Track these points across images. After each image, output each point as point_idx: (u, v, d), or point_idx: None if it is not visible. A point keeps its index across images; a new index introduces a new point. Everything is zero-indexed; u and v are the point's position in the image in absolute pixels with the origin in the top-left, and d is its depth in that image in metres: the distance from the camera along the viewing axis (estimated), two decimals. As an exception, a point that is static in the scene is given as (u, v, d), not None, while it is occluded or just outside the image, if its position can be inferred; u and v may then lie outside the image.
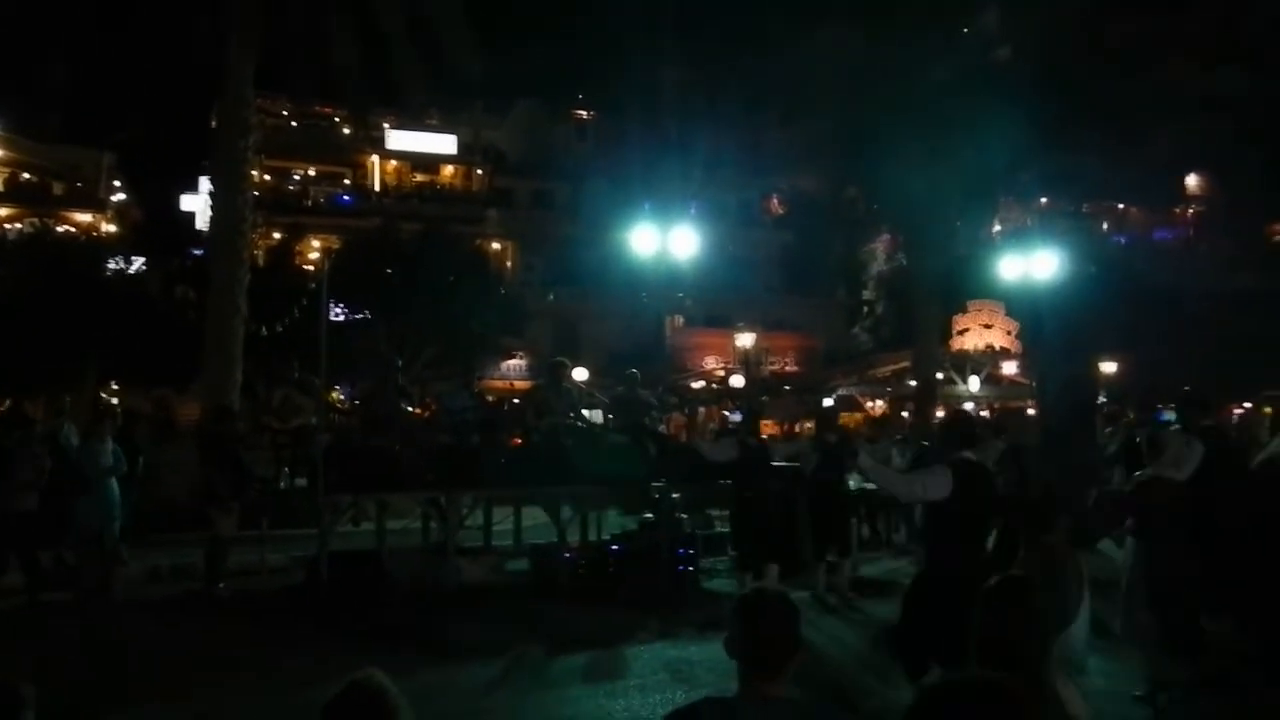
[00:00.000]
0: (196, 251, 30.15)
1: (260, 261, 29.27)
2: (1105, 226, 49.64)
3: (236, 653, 8.79)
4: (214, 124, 19.14)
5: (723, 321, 41.36)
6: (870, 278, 44.39)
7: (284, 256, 32.68)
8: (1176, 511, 6.94)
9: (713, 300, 41.82)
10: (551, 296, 42.78)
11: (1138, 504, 7.11)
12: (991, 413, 33.16)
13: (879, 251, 43.04)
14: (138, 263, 32.28)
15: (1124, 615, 7.02)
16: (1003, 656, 3.03)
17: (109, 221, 42.60)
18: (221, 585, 11.30)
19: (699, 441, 11.43)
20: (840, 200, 34.65)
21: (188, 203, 42.76)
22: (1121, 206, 49.75)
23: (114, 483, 11.40)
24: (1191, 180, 48.72)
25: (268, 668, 7.92)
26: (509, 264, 44.93)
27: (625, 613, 10.14)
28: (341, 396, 27.95)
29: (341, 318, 28.29)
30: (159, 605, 11.01)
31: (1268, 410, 29.96)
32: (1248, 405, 32.64)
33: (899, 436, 18.25)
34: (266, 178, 41.19)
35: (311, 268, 33.16)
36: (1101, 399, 23.56)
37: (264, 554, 12.12)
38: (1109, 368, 33.26)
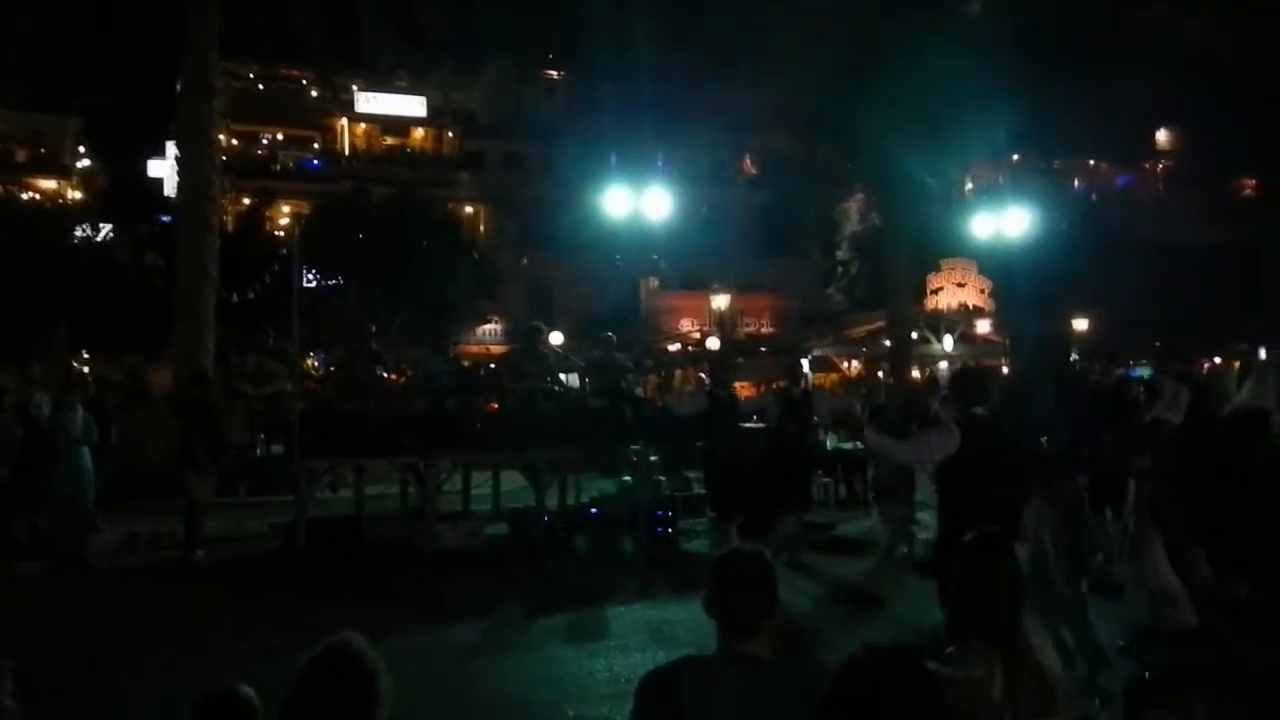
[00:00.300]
0: (165, 218, 29.77)
1: (230, 227, 28.99)
2: (1076, 183, 49.85)
3: (214, 619, 8.79)
4: (179, 88, 18.83)
5: (697, 283, 41.35)
6: (844, 238, 44.43)
7: (254, 222, 32.37)
8: (1177, 453, 7.07)
9: (687, 262, 41.77)
10: (525, 260, 42.59)
11: (1146, 446, 7.19)
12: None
13: (853, 211, 43.05)
14: (105, 230, 31.90)
15: (1132, 559, 7.10)
16: (977, 612, 3.06)
17: (75, 188, 42.01)
18: (200, 552, 11.28)
19: (670, 400, 11.48)
20: (814, 160, 34.57)
21: (155, 169, 42.14)
22: (1092, 162, 49.92)
23: (86, 451, 11.33)
24: (1161, 135, 48.93)
25: (246, 634, 7.92)
26: (482, 227, 44.65)
27: (605, 574, 10.20)
28: (315, 363, 27.81)
29: (314, 284, 28.09)
30: (136, 573, 10.98)
31: (1236, 364, 30.29)
32: (1218, 359, 33.04)
33: (864, 392, 18.49)
34: (234, 142, 40.70)
35: (282, 233, 32.90)
36: (1074, 356, 23.80)
37: (241, 520, 12.10)
38: (1081, 324, 33.51)
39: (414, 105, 46.68)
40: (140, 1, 21.14)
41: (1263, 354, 29.69)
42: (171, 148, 29.44)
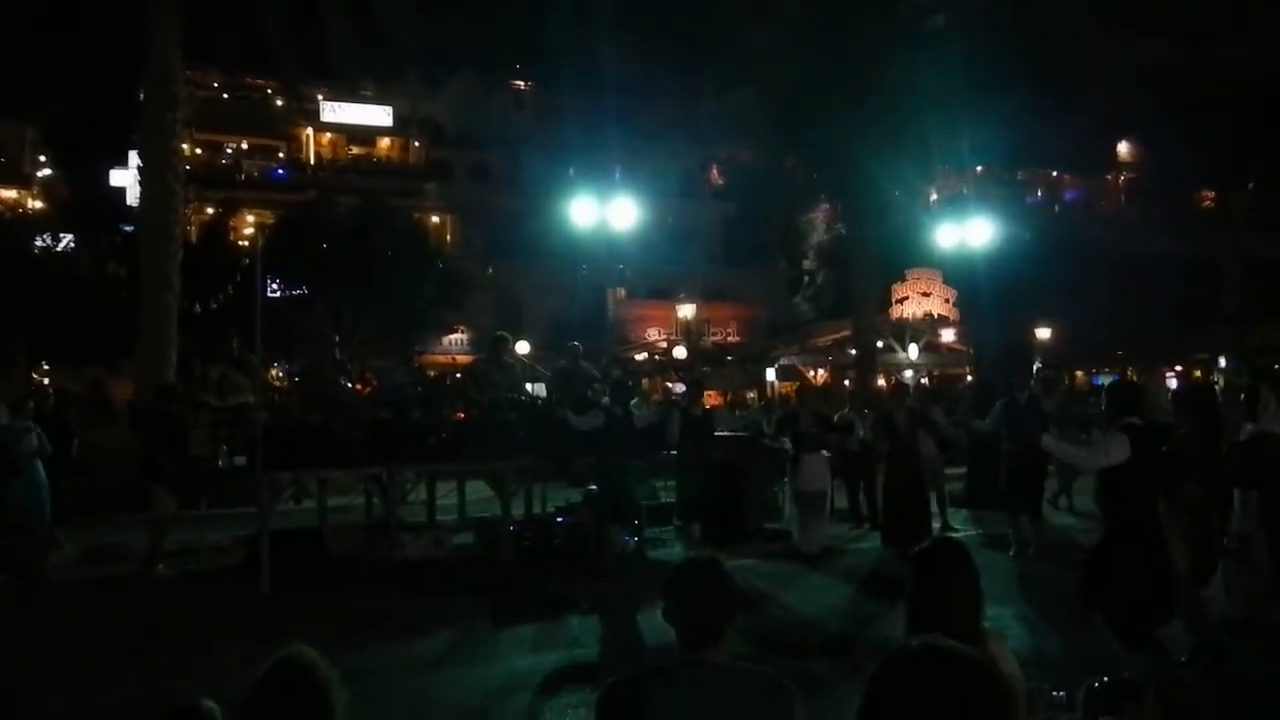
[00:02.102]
0: (127, 228, 29.51)
1: (193, 237, 28.77)
2: (1039, 193, 50.35)
3: (175, 633, 8.70)
4: (142, 96, 18.66)
5: (664, 293, 41.40)
6: (810, 247, 44.59)
7: (218, 232, 32.16)
8: None
9: (654, 272, 41.82)
10: (492, 270, 42.47)
11: (1251, 458, 7.43)
12: (930, 380, 33.64)
13: (818, 221, 43.21)
14: (66, 240, 31.57)
15: (1238, 563, 7.37)
16: (939, 621, 3.08)
17: (35, 198, 41.50)
18: (160, 566, 11.16)
19: (567, 412, 11.54)
20: (780, 170, 34.71)
21: (117, 178, 41.66)
22: (1055, 174, 50.46)
23: (39, 464, 11.17)
24: (1123, 147, 49.53)
25: (207, 647, 7.83)
26: (448, 237, 44.52)
27: (570, 584, 10.17)
28: (280, 374, 27.63)
29: (278, 294, 27.92)
30: (95, 587, 10.84)
31: (1198, 374, 30.71)
32: (1178, 368, 33.51)
33: (761, 404, 18.66)
34: (198, 151, 40.39)
35: (246, 243, 32.67)
36: (1037, 364, 24.01)
37: (203, 533, 11.96)
38: (1044, 333, 33.85)
39: (380, 115, 46.45)
40: (102, 7, 20.93)
41: (1222, 363, 30.18)
42: (134, 157, 29.22)
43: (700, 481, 11.21)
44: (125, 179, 38.78)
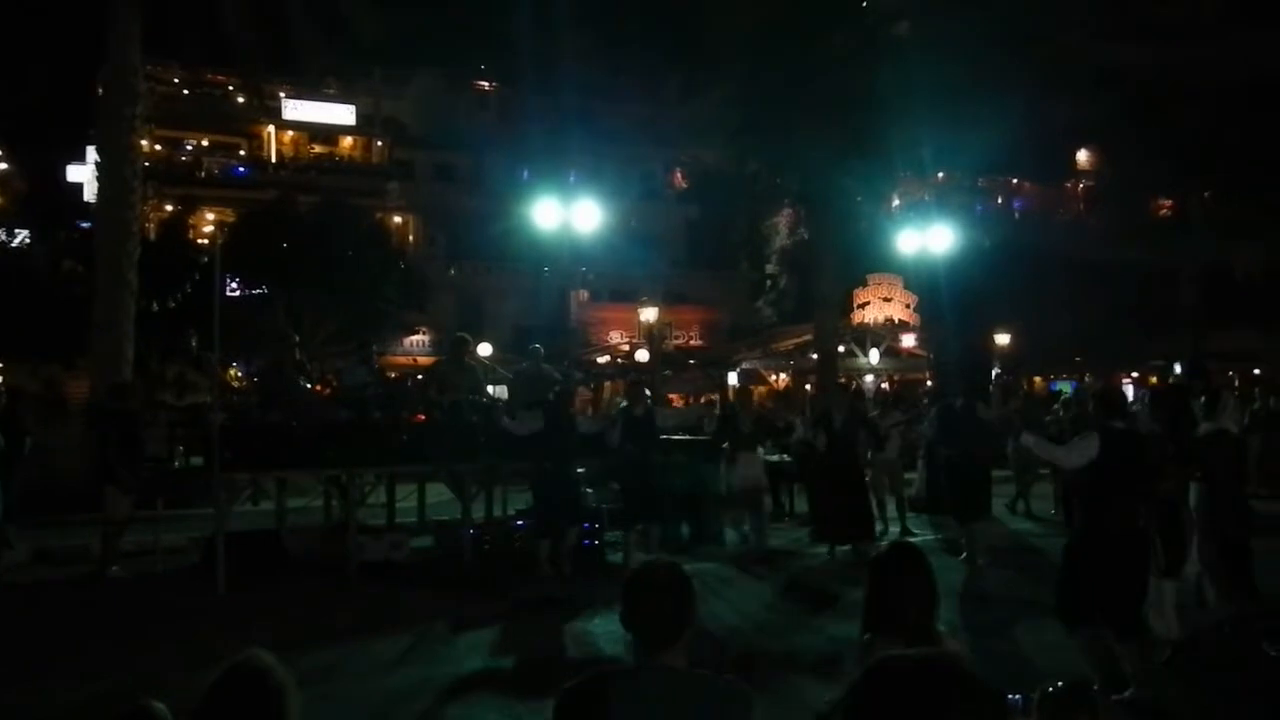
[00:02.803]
0: (84, 224, 29.18)
1: (152, 234, 28.49)
2: (1000, 200, 50.86)
3: (128, 635, 8.59)
4: (100, 90, 18.42)
5: (627, 296, 41.44)
6: (773, 252, 44.79)
7: (176, 230, 31.86)
8: (1235, 461, 8.02)
9: (617, 275, 41.87)
10: (454, 271, 42.34)
11: (1206, 455, 7.72)
12: (891, 385, 33.86)
13: (781, 226, 43.40)
14: (21, 235, 31.15)
15: (1197, 553, 7.64)
16: (897, 623, 3.11)
17: (-11, 193, 40.95)
18: (114, 568, 11.01)
19: (503, 418, 11.45)
20: (743, 174, 34.84)
21: (74, 173, 41.20)
22: (1015, 181, 50.96)
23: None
24: (1082, 155, 50.09)
25: (161, 650, 7.75)
26: (411, 238, 44.33)
27: (529, 587, 10.14)
28: (239, 373, 27.37)
29: (238, 293, 27.70)
30: (47, 589, 10.68)
31: (1154, 380, 31.09)
32: (1134, 374, 33.94)
33: (717, 412, 18.91)
34: (157, 148, 39.96)
35: (205, 241, 32.39)
36: (996, 369, 24.24)
37: (159, 534, 11.81)
38: (1003, 339, 34.16)
39: (343, 113, 46.19)
40: (60, 1, 20.69)
41: (1177, 369, 30.59)
42: (91, 152, 28.84)
43: (641, 482, 11.23)
44: (83, 174, 38.34)
